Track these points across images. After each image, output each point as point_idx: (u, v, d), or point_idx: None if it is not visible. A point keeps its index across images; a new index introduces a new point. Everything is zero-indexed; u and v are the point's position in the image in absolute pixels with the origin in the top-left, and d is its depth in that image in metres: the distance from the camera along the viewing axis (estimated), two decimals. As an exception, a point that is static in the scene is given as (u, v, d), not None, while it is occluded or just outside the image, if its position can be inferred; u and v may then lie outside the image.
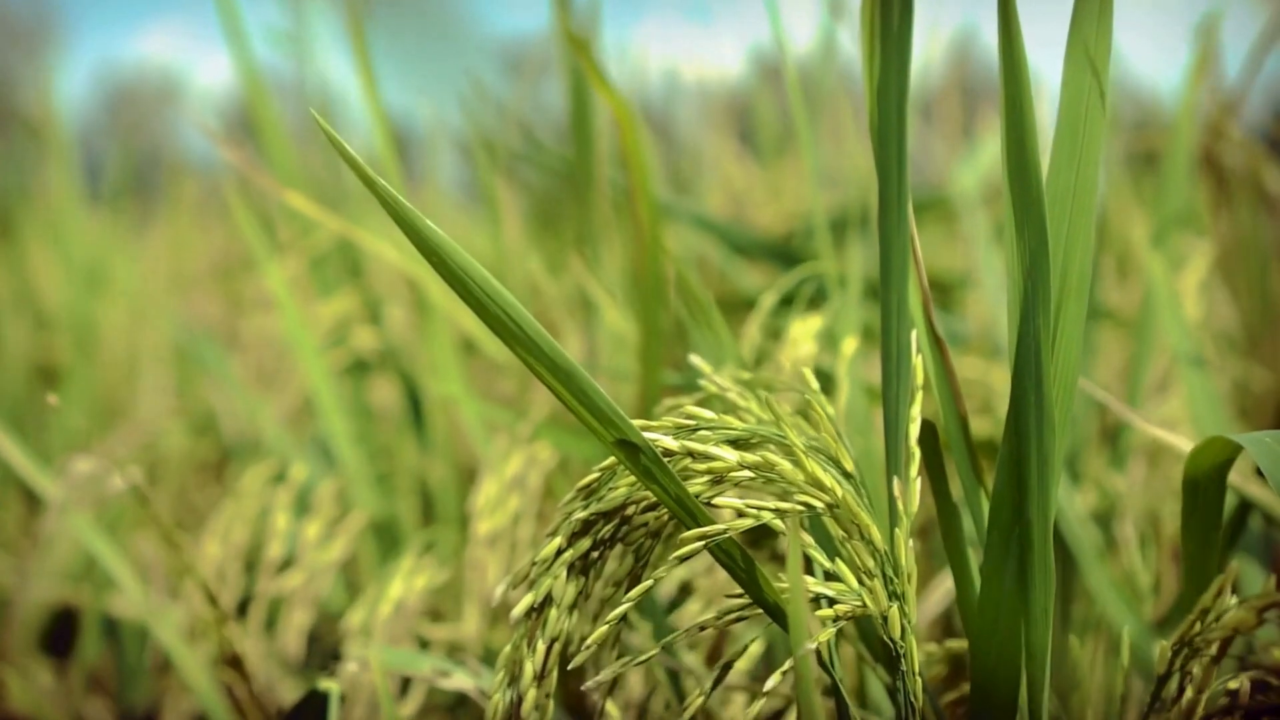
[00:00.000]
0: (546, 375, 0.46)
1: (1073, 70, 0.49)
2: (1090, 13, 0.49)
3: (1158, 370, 0.91)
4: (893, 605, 0.48)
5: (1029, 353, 0.48)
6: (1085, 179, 0.50)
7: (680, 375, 0.81)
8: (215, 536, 0.85)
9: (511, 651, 0.49)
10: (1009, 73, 0.48)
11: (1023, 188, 0.48)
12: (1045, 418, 0.48)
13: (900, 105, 0.50)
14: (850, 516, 0.48)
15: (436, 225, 0.45)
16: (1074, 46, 0.49)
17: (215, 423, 1.18)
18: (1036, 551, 0.49)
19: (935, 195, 1.16)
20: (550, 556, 0.49)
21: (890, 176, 0.51)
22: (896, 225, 0.51)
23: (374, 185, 0.45)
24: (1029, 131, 0.48)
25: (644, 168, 0.76)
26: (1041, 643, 0.50)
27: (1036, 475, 0.49)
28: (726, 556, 0.48)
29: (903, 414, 0.51)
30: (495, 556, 0.75)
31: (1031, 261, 0.48)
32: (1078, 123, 0.50)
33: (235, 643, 0.72)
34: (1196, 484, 0.53)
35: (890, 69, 0.50)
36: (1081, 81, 0.49)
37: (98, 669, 1.12)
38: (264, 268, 0.89)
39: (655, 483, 0.47)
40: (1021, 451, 0.49)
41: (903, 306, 0.52)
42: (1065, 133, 0.50)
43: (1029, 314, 0.48)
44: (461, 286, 0.45)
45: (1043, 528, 0.49)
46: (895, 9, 0.50)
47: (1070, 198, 0.50)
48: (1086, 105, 0.49)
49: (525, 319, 0.45)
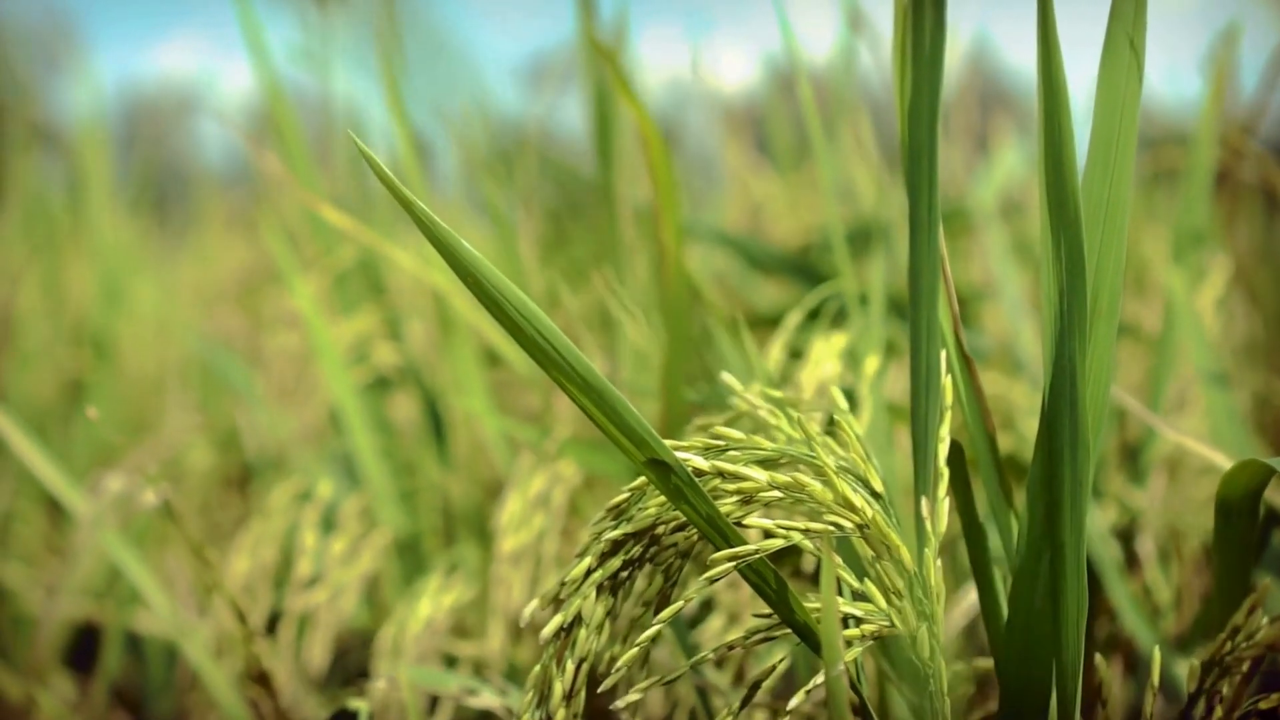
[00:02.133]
0: (579, 395, 0.47)
1: (1107, 86, 0.49)
2: (1124, 23, 0.49)
3: (1177, 386, 0.91)
4: (922, 626, 0.48)
5: (1064, 375, 0.49)
6: (1118, 197, 0.50)
7: (703, 392, 0.82)
8: (243, 553, 0.85)
9: (541, 671, 0.49)
10: (1048, 89, 0.48)
11: (1059, 207, 0.48)
12: (1080, 440, 0.49)
13: (931, 127, 0.51)
14: (880, 537, 0.48)
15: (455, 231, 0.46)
16: (1108, 64, 0.50)
17: (238, 438, 1.19)
18: (1069, 572, 0.49)
19: (952, 207, 1.16)
20: (580, 577, 0.49)
21: (921, 197, 0.51)
22: (927, 246, 0.51)
23: (410, 205, 0.45)
24: (1067, 150, 0.48)
25: (670, 186, 0.76)
26: (1074, 663, 0.50)
27: (1069, 497, 0.49)
28: (757, 577, 0.48)
29: (932, 433, 0.51)
30: (520, 574, 0.76)
31: (1068, 282, 0.48)
32: (1111, 139, 0.50)
33: (263, 659, 0.72)
34: (1230, 507, 0.54)
35: (922, 92, 0.51)
36: (1116, 97, 0.49)
37: (122, 684, 1.12)
38: (290, 284, 0.90)
39: (686, 502, 0.47)
40: (1054, 474, 0.49)
41: (933, 327, 0.52)
42: (1099, 149, 0.50)
43: (1065, 336, 0.49)
44: (495, 306, 0.46)
45: (1075, 549, 0.49)
46: (927, 33, 0.50)
47: (1103, 216, 0.50)
48: (1121, 121, 0.49)
49: (559, 339, 0.46)
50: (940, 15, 0.50)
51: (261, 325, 1.46)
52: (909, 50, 0.50)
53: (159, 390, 1.41)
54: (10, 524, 1.21)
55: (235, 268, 1.71)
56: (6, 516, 1.21)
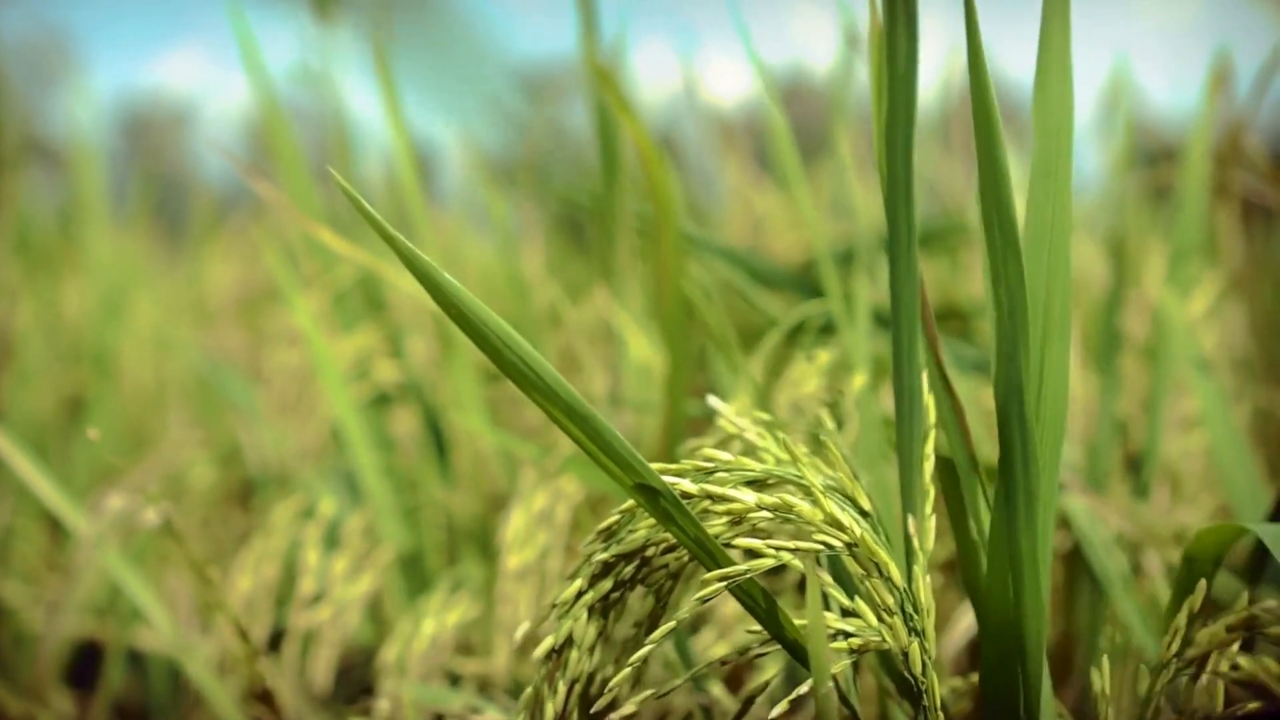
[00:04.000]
0: (564, 420, 0.47)
1: (1042, 107, 0.50)
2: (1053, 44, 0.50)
3: (1179, 401, 0.91)
4: (913, 641, 0.49)
5: (1013, 396, 0.49)
6: (1060, 218, 0.50)
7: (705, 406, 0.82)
8: (246, 571, 0.85)
9: (533, 693, 0.50)
10: (979, 108, 0.49)
11: (1000, 227, 0.49)
12: (1030, 457, 0.49)
13: (906, 149, 0.51)
14: (869, 555, 0.49)
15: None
16: (1041, 86, 0.50)
17: (239, 454, 1.19)
18: (1028, 582, 0.50)
19: (952, 222, 1.16)
20: (571, 598, 0.50)
21: (898, 220, 0.52)
22: (906, 266, 0.52)
23: (392, 241, 0.46)
24: (1001, 169, 0.48)
25: (669, 203, 0.76)
26: (1036, 670, 0.51)
27: (1024, 513, 0.50)
28: (746, 596, 0.49)
29: (916, 452, 0.52)
30: (524, 591, 0.76)
31: (1011, 303, 0.49)
32: (1050, 159, 0.50)
33: (266, 677, 0.72)
34: (1194, 562, 0.55)
35: (896, 113, 0.51)
36: (1051, 117, 0.50)
37: (123, 702, 1.12)
38: (290, 301, 0.90)
39: (675, 525, 0.48)
40: (1009, 491, 0.50)
41: (913, 348, 0.53)
42: (1039, 170, 0.50)
43: (1010, 355, 0.49)
44: (479, 336, 0.46)
45: (1033, 558, 0.50)
46: (901, 52, 0.51)
47: (1048, 235, 0.50)
48: (1058, 140, 0.50)
49: (542, 366, 0.46)
50: (913, 38, 0.50)
51: (261, 341, 1.46)
52: (884, 71, 0.51)
53: (159, 406, 1.41)
54: (10, 541, 1.21)
55: (234, 284, 1.71)
56: (7, 534, 1.21)
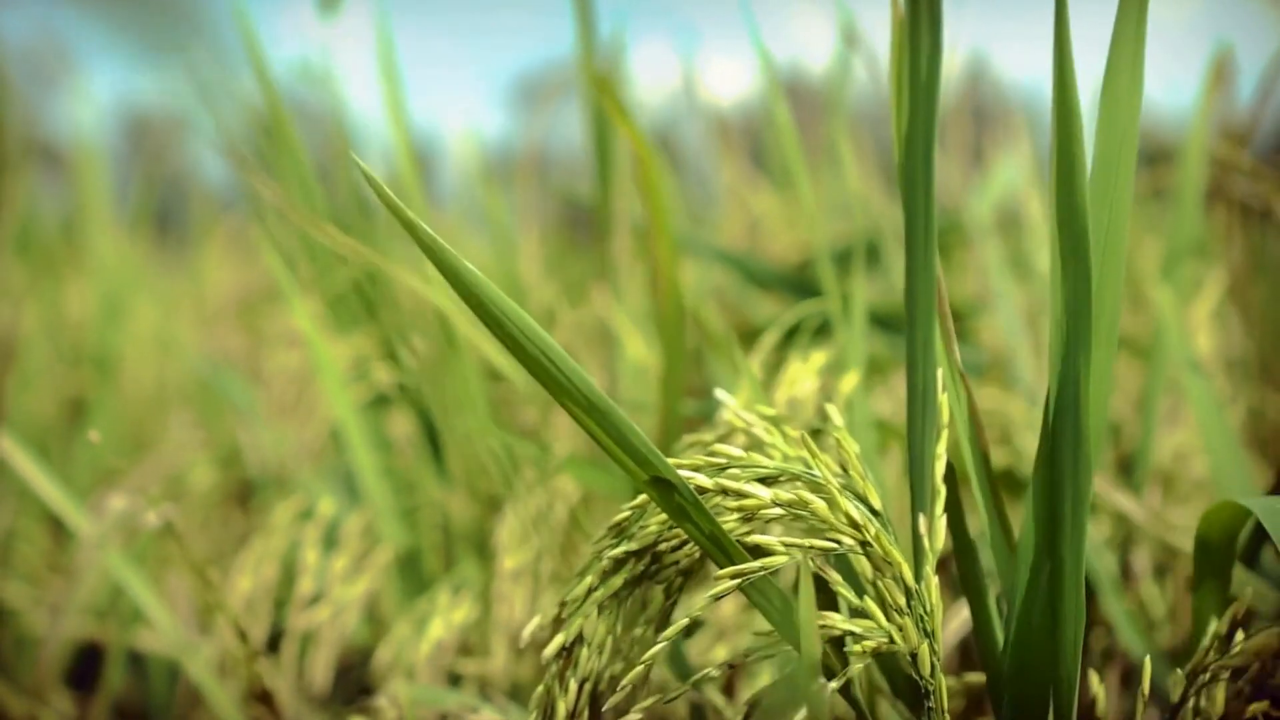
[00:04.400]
0: (581, 414, 0.47)
1: (1109, 111, 0.50)
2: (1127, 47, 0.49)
3: (1172, 400, 0.92)
4: (923, 643, 0.49)
5: (1069, 393, 0.49)
6: (1118, 222, 0.50)
7: (700, 406, 0.82)
8: (245, 571, 0.86)
9: (544, 691, 0.50)
10: (1061, 110, 0.48)
11: (1068, 227, 0.49)
12: (1082, 458, 0.49)
13: (927, 151, 0.51)
14: (882, 554, 0.49)
15: (458, 249, 0.46)
16: (1110, 88, 0.50)
17: (239, 456, 1.19)
18: (1068, 587, 0.50)
19: (948, 222, 1.16)
20: (582, 595, 0.50)
21: (917, 219, 0.52)
22: (923, 266, 0.52)
23: (413, 228, 0.45)
24: (1079, 172, 0.48)
25: (664, 204, 0.77)
26: (1070, 678, 0.50)
27: (1071, 514, 0.49)
28: (759, 594, 0.48)
29: (928, 451, 0.52)
30: (521, 591, 0.76)
31: (1075, 301, 0.49)
32: (1112, 164, 0.50)
33: (265, 678, 0.73)
34: (1209, 544, 0.55)
35: (918, 115, 0.51)
36: (1118, 122, 0.50)
37: (124, 704, 1.13)
38: (290, 303, 0.90)
39: (689, 521, 0.48)
40: (1056, 490, 0.50)
41: (929, 345, 0.52)
42: (1101, 174, 0.50)
43: (1071, 354, 0.49)
44: (498, 326, 0.46)
45: (1075, 564, 0.50)
46: (924, 57, 0.51)
47: (1104, 240, 0.50)
48: (1121, 146, 0.50)
49: (562, 358, 0.46)
50: (937, 40, 0.50)
51: (260, 343, 1.46)
52: (906, 76, 0.51)
53: (160, 408, 1.41)
54: (12, 543, 1.22)
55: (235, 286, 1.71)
56: (9, 535, 1.21)
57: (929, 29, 0.50)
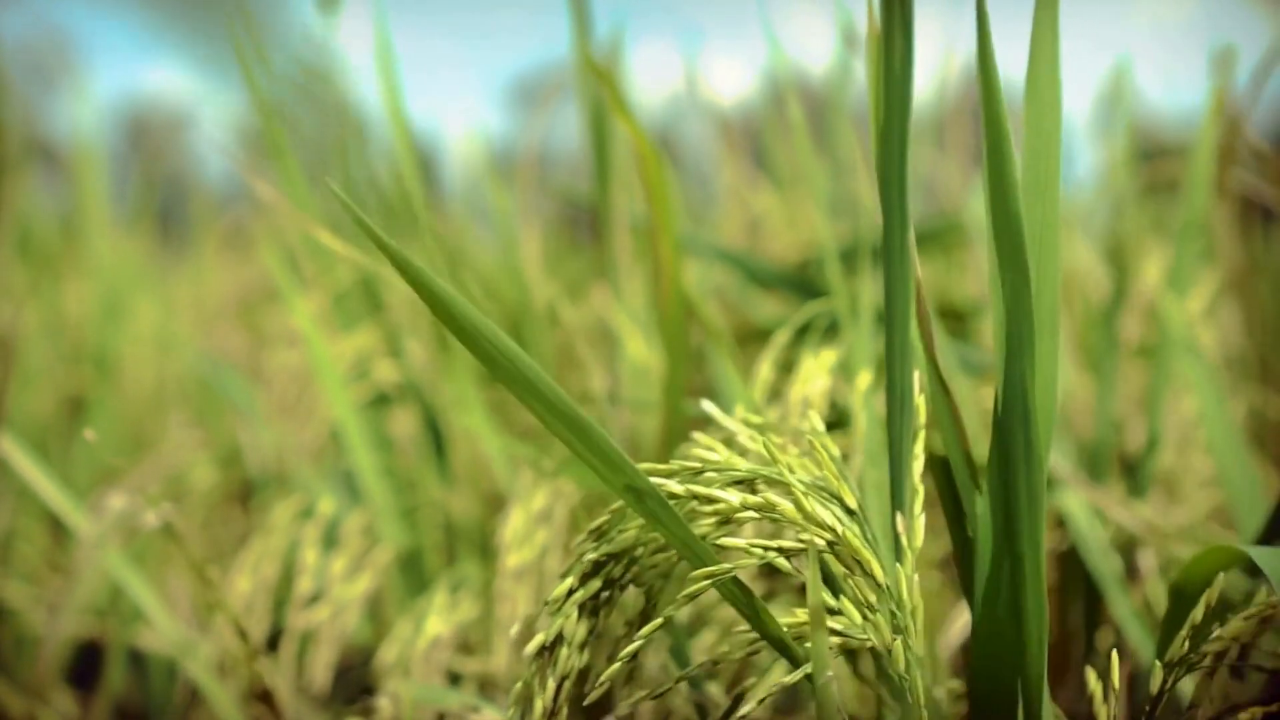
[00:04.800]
0: (554, 422, 0.48)
1: (1034, 104, 0.50)
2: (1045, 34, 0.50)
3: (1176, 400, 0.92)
4: (896, 639, 0.49)
5: (1016, 392, 0.50)
6: (1050, 216, 0.51)
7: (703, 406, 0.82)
8: (245, 571, 0.85)
9: (523, 688, 0.51)
10: (990, 113, 0.49)
11: (1003, 231, 0.49)
12: (1033, 455, 0.50)
13: (901, 148, 0.52)
14: (851, 553, 0.50)
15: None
16: (1033, 83, 0.50)
17: (239, 455, 1.19)
18: (1029, 584, 0.50)
19: (948, 222, 1.16)
20: (562, 596, 0.51)
21: (893, 217, 0.52)
22: (899, 265, 0.52)
23: (385, 247, 0.46)
24: (1009, 171, 0.49)
25: (666, 203, 0.76)
26: (1038, 676, 0.51)
27: (1026, 511, 0.50)
28: (732, 594, 0.50)
29: (906, 451, 0.52)
30: (523, 590, 0.76)
31: (1014, 300, 0.49)
32: (1039, 158, 0.50)
33: (265, 677, 0.73)
34: (1183, 591, 0.55)
35: (892, 113, 0.51)
36: (1042, 115, 0.50)
37: (124, 702, 1.13)
38: (290, 302, 0.90)
39: (662, 525, 0.49)
40: (1010, 489, 0.50)
41: (905, 346, 0.53)
42: (1030, 171, 0.51)
43: (1015, 353, 0.50)
44: (470, 340, 0.47)
45: (1034, 560, 0.50)
46: (897, 56, 0.51)
47: (1038, 236, 0.51)
48: (1046, 135, 0.50)
49: (532, 370, 0.47)
50: (909, 39, 0.51)
51: (261, 342, 1.46)
52: (881, 72, 0.51)
53: (160, 407, 1.41)
54: (12, 542, 1.22)
55: (234, 285, 1.71)
56: (9, 535, 1.21)
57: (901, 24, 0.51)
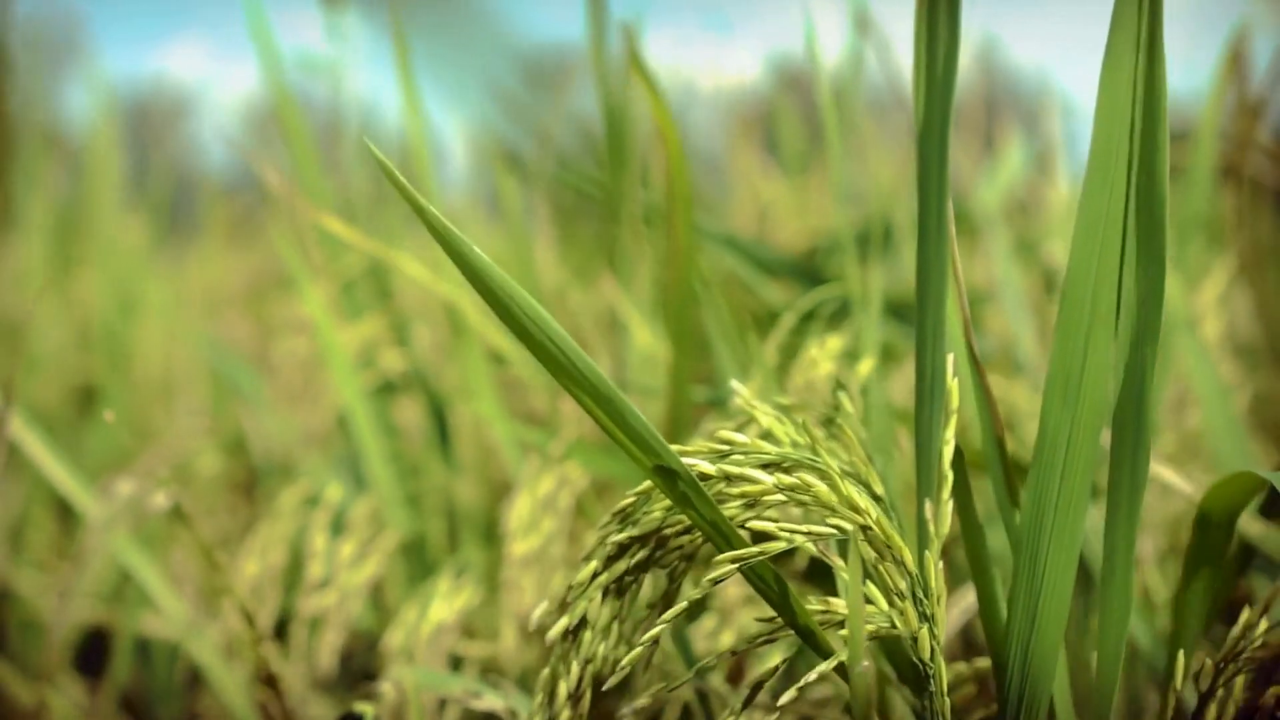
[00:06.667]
0: (587, 401, 0.47)
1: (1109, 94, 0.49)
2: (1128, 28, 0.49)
3: (1178, 386, 0.92)
4: (923, 627, 0.49)
5: (1135, 381, 0.49)
6: (1114, 209, 0.50)
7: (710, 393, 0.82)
8: (253, 555, 0.86)
9: (549, 674, 0.50)
10: (1150, 96, 0.48)
11: (1147, 216, 0.49)
12: (1141, 449, 0.49)
13: (942, 142, 0.51)
14: (884, 539, 0.49)
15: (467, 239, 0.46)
16: (1110, 70, 0.49)
17: (245, 443, 1.20)
18: (1119, 582, 0.50)
19: (956, 209, 1.16)
20: (586, 580, 0.50)
21: (930, 204, 0.52)
22: (935, 251, 0.52)
23: (424, 213, 0.45)
24: (1160, 158, 0.48)
25: (685, 190, 0.76)
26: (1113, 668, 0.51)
27: (1127, 506, 0.50)
28: (759, 579, 0.49)
29: (936, 437, 0.51)
30: (529, 576, 0.76)
31: (1148, 289, 0.49)
32: (1109, 150, 0.49)
33: (271, 662, 0.73)
34: (1209, 520, 0.55)
35: (934, 107, 0.51)
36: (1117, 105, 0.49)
37: (130, 687, 1.13)
38: (301, 289, 0.90)
39: (691, 507, 0.48)
40: (1116, 478, 0.50)
41: (938, 329, 0.52)
42: (1098, 160, 0.49)
43: (1139, 343, 0.49)
44: (506, 312, 0.46)
45: (1126, 553, 0.50)
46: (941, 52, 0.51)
47: (1101, 227, 0.50)
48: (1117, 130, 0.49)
49: (568, 345, 0.46)
50: (954, 32, 0.51)
51: (268, 330, 1.46)
52: (923, 66, 0.51)
53: (167, 395, 1.42)
54: (21, 530, 1.22)
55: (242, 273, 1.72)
56: (19, 523, 1.22)
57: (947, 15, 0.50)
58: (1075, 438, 0.49)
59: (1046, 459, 0.50)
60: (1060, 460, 0.49)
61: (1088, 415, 0.50)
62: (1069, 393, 0.49)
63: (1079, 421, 0.49)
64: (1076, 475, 0.49)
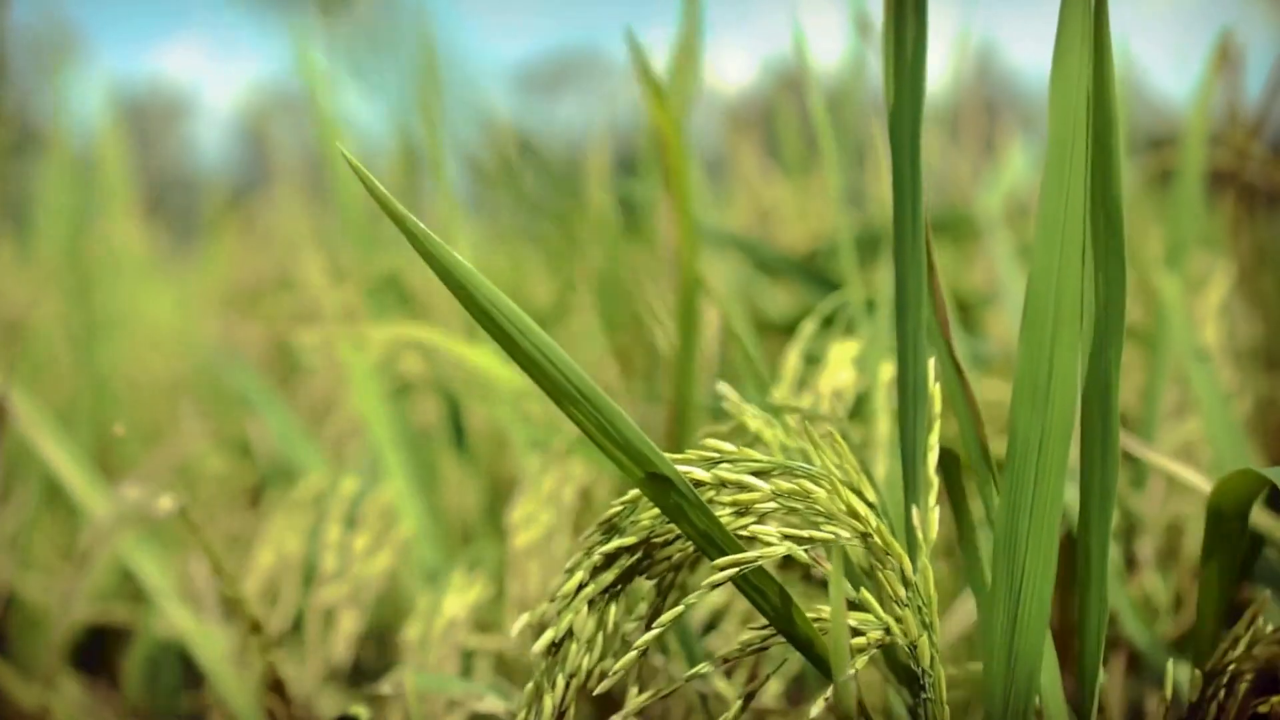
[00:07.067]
0: (572, 409, 0.46)
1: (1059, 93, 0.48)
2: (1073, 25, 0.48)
3: (1177, 391, 0.92)
4: (923, 634, 0.48)
5: (1099, 385, 0.49)
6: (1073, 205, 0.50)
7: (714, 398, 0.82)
8: (268, 546, 0.85)
9: (533, 687, 0.49)
10: (1099, 93, 0.48)
11: (1105, 221, 0.49)
12: (1110, 450, 0.49)
13: (914, 134, 0.51)
14: (882, 545, 0.48)
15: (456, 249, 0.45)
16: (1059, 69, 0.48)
17: (250, 445, 1.20)
18: (1094, 584, 0.50)
19: (957, 214, 1.16)
20: (572, 592, 0.49)
21: (904, 205, 0.51)
22: (911, 253, 0.51)
23: (402, 221, 0.44)
24: (1115, 158, 0.48)
25: (686, 190, 0.76)
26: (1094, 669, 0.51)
27: (1099, 508, 0.50)
28: (754, 589, 0.48)
29: (920, 442, 0.51)
30: (534, 569, 0.76)
31: (1107, 294, 0.49)
32: (1065, 145, 0.49)
33: (277, 666, 0.73)
34: (1221, 514, 0.54)
35: (903, 101, 0.51)
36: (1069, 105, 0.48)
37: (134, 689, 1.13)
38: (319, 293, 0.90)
39: (684, 518, 0.47)
40: (1087, 482, 0.50)
41: (918, 335, 0.52)
42: (1054, 161, 0.49)
43: (1103, 344, 0.49)
44: (487, 319, 0.45)
45: (1101, 558, 0.50)
46: (909, 42, 0.51)
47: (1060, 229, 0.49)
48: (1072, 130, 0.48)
49: (553, 350, 0.45)
50: (922, 25, 0.50)
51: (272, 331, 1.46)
52: (893, 61, 0.51)
53: (172, 397, 1.42)
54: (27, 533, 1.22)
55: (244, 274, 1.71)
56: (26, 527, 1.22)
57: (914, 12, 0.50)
58: (1046, 443, 0.49)
59: (1018, 464, 0.49)
60: (1032, 465, 0.49)
61: (1058, 419, 0.49)
62: (1037, 397, 0.49)
63: (1049, 426, 0.48)
64: (1049, 479, 0.49)
